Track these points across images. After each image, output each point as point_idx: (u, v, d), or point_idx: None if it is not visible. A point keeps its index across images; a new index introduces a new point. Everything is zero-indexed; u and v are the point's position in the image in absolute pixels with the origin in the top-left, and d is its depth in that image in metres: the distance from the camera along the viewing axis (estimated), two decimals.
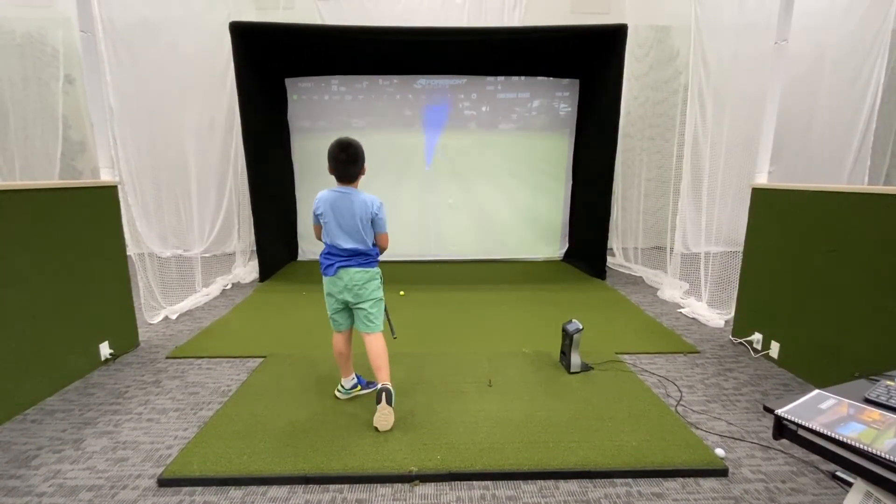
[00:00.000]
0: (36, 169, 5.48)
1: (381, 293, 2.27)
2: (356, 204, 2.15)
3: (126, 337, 3.07)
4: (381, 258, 2.30)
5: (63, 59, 5.40)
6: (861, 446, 0.96)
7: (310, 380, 2.62)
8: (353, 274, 2.18)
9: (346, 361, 2.37)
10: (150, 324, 3.55)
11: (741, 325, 3.22)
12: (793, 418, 1.05)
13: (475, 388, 2.54)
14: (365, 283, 2.20)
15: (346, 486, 1.83)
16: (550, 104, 5.68)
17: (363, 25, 4.53)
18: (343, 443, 2.04)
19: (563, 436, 2.10)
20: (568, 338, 2.71)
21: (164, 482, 1.82)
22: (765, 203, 3.02)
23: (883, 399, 1.12)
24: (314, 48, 5.08)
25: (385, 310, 2.33)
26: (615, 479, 1.87)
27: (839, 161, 5.20)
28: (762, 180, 3.11)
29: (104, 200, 2.90)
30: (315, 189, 6.17)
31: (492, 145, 5.76)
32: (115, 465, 1.93)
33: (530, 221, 5.95)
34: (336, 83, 5.55)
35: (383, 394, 2.12)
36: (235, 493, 1.79)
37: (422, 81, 5.57)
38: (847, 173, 5.17)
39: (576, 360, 2.70)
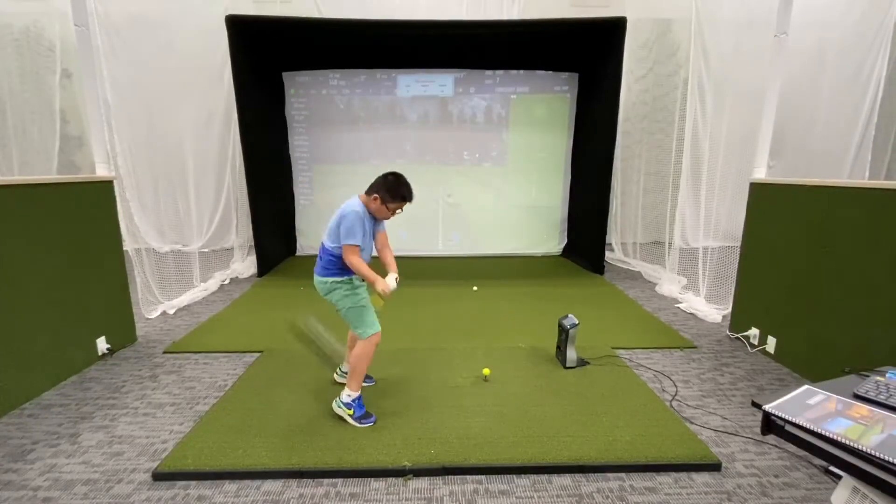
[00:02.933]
0: (34, 164, 5.48)
1: (350, 302, 2.12)
2: (342, 206, 2.11)
3: (123, 332, 3.07)
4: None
5: (60, 54, 5.38)
6: (848, 442, 0.95)
7: (305, 375, 2.62)
8: (316, 280, 2.16)
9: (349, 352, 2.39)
10: (148, 319, 3.56)
11: (738, 320, 3.22)
12: (780, 414, 1.05)
13: (471, 382, 2.54)
14: (327, 293, 2.14)
15: (340, 480, 1.84)
16: (550, 98, 5.65)
17: (361, 18, 4.50)
18: (337, 437, 2.04)
19: (558, 430, 2.10)
20: (564, 333, 2.71)
21: (159, 476, 1.83)
22: (763, 198, 3.01)
23: (872, 395, 1.12)
24: (312, 42, 5.05)
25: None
26: (608, 474, 1.87)
27: (840, 155, 5.16)
28: (761, 175, 3.09)
29: (101, 195, 2.90)
30: (314, 184, 6.16)
31: (490, 140, 5.74)
32: (111, 459, 1.94)
33: (529, 216, 5.93)
34: (334, 77, 5.52)
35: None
36: (230, 486, 1.80)
37: (421, 75, 5.54)
38: (848, 168, 5.14)
39: (571, 354, 2.70)
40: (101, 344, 2.85)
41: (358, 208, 2.06)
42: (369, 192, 2.12)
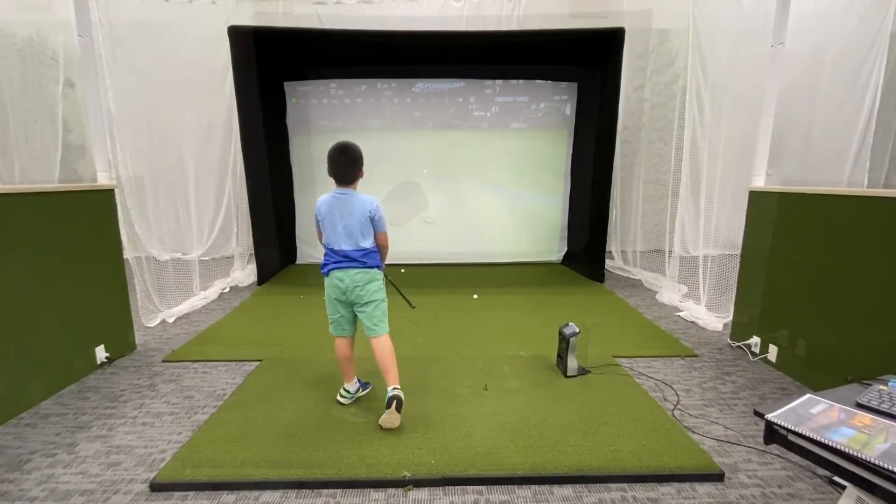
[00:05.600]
0: (36, 173, 5.49)
1: (382, 294, 2.27)
2: (355, 204, 2.17)
3: (122, 340, 3.06)
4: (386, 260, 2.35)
5: (63, 64, 5.42)
6: (851, 451, 0.94)
7: (305, 384, 2.61)
8: (354, 275, 2.18)
9: (350, 365, 2.37)
10: (147, 327, 3.55)
11: (739, 328, 3.21)
12: (783, 423, 1.04)
13: (471, 391, 2.53)
14: (366, 283, 2.20)
15: (340, 490, 1.82)
16: (549, 107, 5.68)
17: (361, 30, 4.55)
18: (337, 447, 2.03)
19: (559, 440, 2.08)
20: (564, 341, 2.70)
21: (157, 486, 1.81)
22: (762, 206, 3.01)
23: (875, 404, 1.11)
24: (313, 52, 5.10)
25: (394, 285, 2.36)
26: (610, 484, 1.85)
27: (839, 163, 5.18)
28: (759, 183, 3.10)
29: (101, 204, 2.91)
30: (314, 192, 6.21)
31: (490, 149, 5.76)
32: (108, 469, 1.93)
33: (529, 225, 5.94)
34: (335, 87, 5.57)
35: (394, 402, 2.13)
36: (228, 497, 1.78)
37: (420, 85, 5.59)
38: (847, 175, 5.15)
39: (572, 363, 2.69)
40: (100, 352, 2.84)
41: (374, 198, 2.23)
42: (357, 173, 2.23)
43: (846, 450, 0.95)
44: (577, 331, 2.67)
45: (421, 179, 5.70)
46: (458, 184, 5.81)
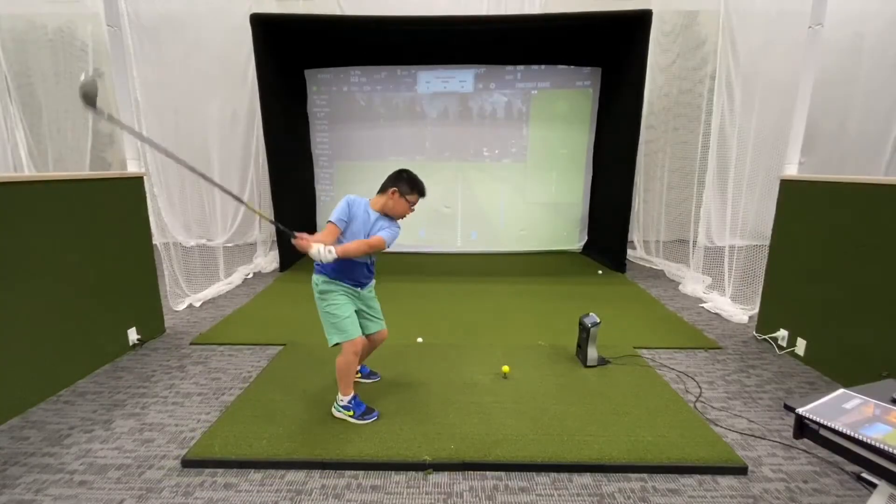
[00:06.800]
0: (68, 161, 5.69)
1: (318, 305, 2.13)
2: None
3: (153, 323, 3.17)
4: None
5: (92, 54, 5.56)
6: (888, 448, 0.92)
7: (327, 368, 2.66)
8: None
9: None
10: (176, 311, 3.66)
11: (766, 321, 3.13)
12: (814, 417, 1.02)
13: (490, 379, 2.54)
14: (315, 289, 2.17)
15: (361, 472, 1.86)
16: (571, 93, 5.57)
17: (382, 15, 4.52)
18: (358, 430, 2.07)
19: (578, 429, 2.08)
20: (585, 331, 2.68)
21: (188, 463, 1.89)
22: (794, 195, 2.91)
23: None
24: (333, 39, 5.09)
25: None
26: (630, 474, 1.85)
27: (876, 152, 4.97)
28: (792, 171, 2.99)
29: (131, 191, 2.99)
30: (335, 181, 6.22)
31: (510, 136, 5.70)
32: (142, 445, 2.01)
33: (549, 213, 5.88)
34: (355, 74, 5.56)
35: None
36: (255, 475, 1.84)
37: (441, 71, 5.53)
38: (885, 165, 4.94)
39: (592, 353, 2.68)
40: (132, 334, 2.95)
41: (355, 196, 2.10)
42: (384, 189, 2.13)
43: (882, 446, 0.92)
44: (598, 321, 2.65)
45: (441, 167, 5.68)
46: (477, 171, 5.77)
